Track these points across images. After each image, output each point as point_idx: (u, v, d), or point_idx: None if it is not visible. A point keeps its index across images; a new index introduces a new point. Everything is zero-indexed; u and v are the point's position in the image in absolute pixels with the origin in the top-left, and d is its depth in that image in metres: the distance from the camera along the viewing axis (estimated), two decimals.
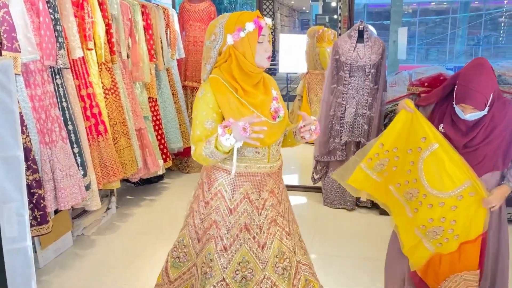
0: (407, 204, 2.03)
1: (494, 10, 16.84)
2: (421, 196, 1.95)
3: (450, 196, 1.88)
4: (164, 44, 4.17)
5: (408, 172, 1.98)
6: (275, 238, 1.72)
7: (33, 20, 2.50)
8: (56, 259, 2.94)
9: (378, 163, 2.03)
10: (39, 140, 2.54)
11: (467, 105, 1.80)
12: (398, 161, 2.00)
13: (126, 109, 3.40)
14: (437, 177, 1.89)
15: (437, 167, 1.88)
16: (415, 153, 1.93)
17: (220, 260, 1.67)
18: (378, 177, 2.06)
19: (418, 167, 1.93)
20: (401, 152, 1.99)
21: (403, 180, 2.01)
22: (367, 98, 3.54)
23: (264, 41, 1.61)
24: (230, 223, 1.68)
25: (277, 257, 1.71)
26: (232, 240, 1.68)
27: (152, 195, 4.16)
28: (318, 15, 10.45)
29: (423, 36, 17.58)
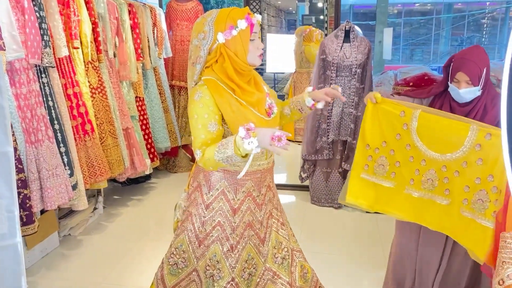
0: (435, 194, 1.78)
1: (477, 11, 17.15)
2: (441, 173, 1.74)
3: (467, 151, 1.67)
4: (151, 43, 4.15)
5: (411, 159, 1.79)
6: (272, 230, 1.76)
7: (18, 18, 2.47)
8: (42, 260, 2.91)
9: (377, 165, 1.87)
10: (25, 139, 2.51)
11: (463, 75, 1.79)
12: (395, 154, 1.83)
13: (113, 109, 3.38)
14: (441, 139, 1.72)
15: (433, 129, 1.73)
16: (405, 133, 1.78)
17: (228, 261, 1.67)
18: (390, 182, 1.86)
19: (416, 144, 1.76)
20: (392, 142, 1.82)
21: (413, 170, 1.80)
22: (353, 98, 3.58)
23: (255, 38, 1.59)
24: (235, 222, 1.67)
25: (275, 248, 1.76)
26: (238, 239, 1.68)
27: (139, 195, 4.14)
28: (305, 15, 10.48)
29: (408, 37, 17.80)
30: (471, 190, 1.68)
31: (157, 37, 4.27)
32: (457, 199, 1.73)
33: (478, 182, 1.66)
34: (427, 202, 1.80)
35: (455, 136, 1.69)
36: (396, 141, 1.81)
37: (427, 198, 1.79)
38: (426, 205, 1.81)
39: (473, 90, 1.82)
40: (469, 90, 1.81)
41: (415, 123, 1.74)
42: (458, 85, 1.82)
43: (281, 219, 1.83)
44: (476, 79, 1.79)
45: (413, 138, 1.76)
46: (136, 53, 3.82)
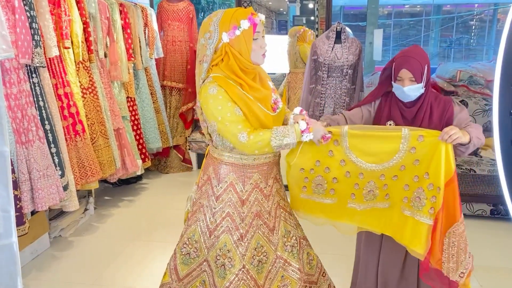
0: (377, 202, 1.82)
1: (465, 13, 17.35)
2: (380, 182, 1.77)
3: (403, 155, 1.71)
4: (142, 43, 4.14)
5: (347, 175, 1.79)
6: (281, 220, 1.84)
7: (8, 18, 2.44)
8: (33, 261, 2.89)
9: (314, 185, 1.84)
10: (15, 139, 2.49)
11: (406, 72, 1.80)
12: (331, 171, 1.80)
13: (104, 109, 3.37)
14: (375, 150, 1.73)
15: (365, 142, 1.73)
16: (337, 149, 1.76)
17: (239, 249, 1.75)
18: (330, 198, 1.86)
19: (351, 159, 1.75)
20: (325, 160, 1.79)
21: (352, 185, 1.80)
22: (344, 98, 3.60)
23: (259, 37, 1.65)
24: (243, 213, 1.75)
25: (285, 237, 1.84)
26: (247, 228, 1.76)
27: (131, 196, 4.12)
28: (296, 16, 10.52)
29: (398, 38, 17.94)
30: (411, 188, 1.75)
31: (148, 37, 4.26)
32: (398, 199, 1.79)
33: (416, 180, 1.74)
34: (370, 210, 1.85)
35: (388, 144, 1.72)
36: (329, 158, 1.78)
37: (370, 208, 1.84)
38: (369, 213, 1.85)
39: (417, 87, 1.83)
40: (413, 87, 1.82)
41: (345, 139, 1.74)
42: (402, 83, 1.83)
43: (288, 209, 1.92)
44: (419, 76, 1.81)
45: (346, 153, 1.76)
46: (127, 53, 3.81)
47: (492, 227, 3.39)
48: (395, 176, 1.75)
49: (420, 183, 1.73)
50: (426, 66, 1.84)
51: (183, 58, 4.70)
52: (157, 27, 4.43)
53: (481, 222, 3.46)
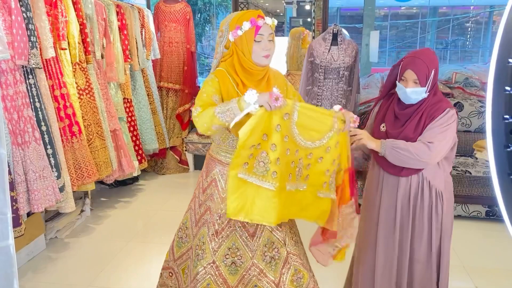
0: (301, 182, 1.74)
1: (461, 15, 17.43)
2: (306, 160, 1.72)
3: (332, 136, 1.71)
4: (139, 44, 4.14)
5: (287, 152, 1.68)
6: (265, 229, 1.80)
7: (4, 19, 2.44)
8: (29, 263, 2.88)
9: (257, 162, 1.65)
10: (12, 141, 2.48)
11: (411, 73, 1.78)
12: (276, 150, 1.65)
13: (101, 110, 3.36)
14: (314, 127, 1.70)
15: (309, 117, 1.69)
16: (285, 124, 1.65)
17: (211, 244, 1.78)
18: (270, 183, 1.65)
19: (294, 135, 1.68)
20: (272, 136, 1.64)
21: (289, 164, 1.70)
22: (341, 100, 3.61)
23: (262, 40, 1.69)
24: (221, 210, 1.77)
25: (266, 246, 1.81)
26: (223, 226, 1.78)
27: (127, 197, 4.12)
28: (292, 18, 10.54)
29: (394, 40, 18.00)
30: (330, 172, 1.76)
31: (145, 38, 4.26)
32: (317, 183, 1.76)
33: (334, 164, 1.76)
34: (293, 194, 1.75)
35: (323, 123, 1.70)
36: (276, 133, 1.64)
37: (294, 189, 1.74)
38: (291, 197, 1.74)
39: (419, 90, 1.80)
40: (415, 90, 1.80)
41: (295, 115, 1.66)
42: (406, 83, 1.81)
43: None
44: (423, 79, 1.78)
45: (292, 129, 1.67)
46: (124, 54, 3.81)
47: (487, 228, 3.41)
48: (321, 157, 1.73)
49: (335, 166, 1.76)
50: (433, 70, 1.80)
51: (180, 60, 4.71)
52: (154, 28, 4.43)
53: (477, 223, 3.48)
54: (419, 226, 1.94)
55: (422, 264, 1.98)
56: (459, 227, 2.77)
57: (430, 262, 1.98)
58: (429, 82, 1.80)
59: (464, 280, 2.72)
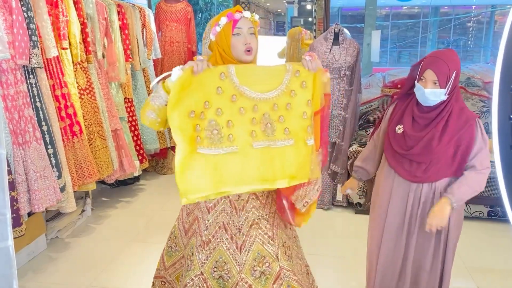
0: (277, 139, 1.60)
1: (463, 15, 17.41)
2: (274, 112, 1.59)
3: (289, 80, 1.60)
4: (140, 44, 4.13)
5: (242, 111, 1.56)
6: (255, 241, 1.70)
7: (5, 18, 2.43)
8: (29, 263, 2.87)
9: (209, 132, 1.53)
10: (12, 140, 2.48)
11: (431, 73, 1.73)
12: (223, 112, 1.54)
13: (102, 110, 3.36)
14: (263, 79, 1.59)
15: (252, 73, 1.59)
16: (225, 83, 1.54)
17: (199, 255, 1.70)
18: (232, 146, 1.55)
19: (241, 90, 1.55)
20: (215, 99, 1.54)
21: (250, 121, 1.57)
22: (342, 100, 3.60)
23: (241, 33, 1.60)
24: (208, 220, 1.70)
25: (256, 260, 1.69)
26: (210, 237, 1.70)
27: (128, 197, 4.12)
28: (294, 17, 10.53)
29: (396, 39, 17.98)
30: (308, 115, 1.63)
31: (146, 38, 4.25)
32: (300, 130, 1.61)
33: (310, 105, 1.62)
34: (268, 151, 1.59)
35: (275, 72, 1.60)
36: (219, 96, 1.53)
37: (274, 147, 1.59)
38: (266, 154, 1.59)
39: (438, 92, 1.74)
40: (434, 92, 1.74)
41: (232, 70, 1.55)
42: (425, 84, 1.75)
43: (271, 233, 1.72)
44: (443, 80, 1.72)
45: (236, 85, 1.55)
46: (125, 54, 3.80)
47: (489, 229, 3.40)
48: (288, 104, 1.59)
49: (312, 107, 1.63)
50: (454, 72, 1.73)
51: (181, 59, 4.70)
52: (155, 28, 4.43)
53: (479, 224, 3.47)
54: (426, 235, 1.91)
55: (426, 272, 1.97)
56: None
57: (434, 270, 1.96)
58: (449, 84, 1.73)
59: (466, 280, 2.71)
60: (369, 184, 3.58)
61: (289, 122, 1.60)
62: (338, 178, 3.74)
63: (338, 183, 3.74)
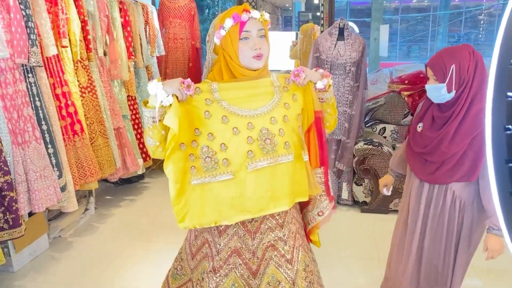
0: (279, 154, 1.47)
1: (474, 8, 17.12)
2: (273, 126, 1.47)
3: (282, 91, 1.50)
4: (143, 41, 4.10)
5: (235, 131, 1.44)
6: (270, 264, 1.53)
7: (3, 17, 2.41)
8: (32, 263, 2.86)
9: (202, 160, 1.43)
10: (11, 140, 2.45)
11: (429, 69, 1.74)
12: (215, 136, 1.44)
13: (104, 108, 3.33)
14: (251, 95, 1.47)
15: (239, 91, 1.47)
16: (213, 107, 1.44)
17: (210, 282, 1.53)
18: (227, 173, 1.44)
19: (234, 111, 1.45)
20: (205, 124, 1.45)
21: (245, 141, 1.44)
22: (347, 96, 3.53)
23: (249, 37, 1.43)
24: (219, 245, 1.54)
25: (270, 284, 1.52)
26: (222, 263, 1.53)
27: (132, 195, 4.10)
28: (301, 12, 10.44)
29: (405, 34, 17.77)
30: (304, 126, 1.53)
31: (149, 35, 4.22)
32: (298, 145, 1.51)
33: (299, 119, 1.52)
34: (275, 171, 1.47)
35: (263, 87, 1.49)
36: (208, 121, 1.44)
37: (274, 165, 1.47)
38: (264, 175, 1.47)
39: (437, 86, 1.70)
40: (434, 87, 1.71)
41: (217, 94, 1.44)
42: (429, 81, 1.76)
43: (289, 255, 1.54)
44: (440, 75, 1.69)
45: (224, 107, 1.44)
46: (128, 51, 3.77)
47: None
48: (285, 116, 1.48)
49: (300, 121, 1.54)
50: (453, 66, 1.67)
51: (185, 56, 4.66)
52: (158, 25, 4.39)
53: None
54: (438, 235, 1.88)
55: (437, 269, 1.93)
56: None
57: (445, 270, 1.92)
58: (448, 78, 1.67)
59: (473, 280, 2.64)
60: (375, 183, 3.52)
61: (289, 135, 1.48)
62: (343, 176, 3.68)
63: (343, 181, 3.68)
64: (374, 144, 3.51)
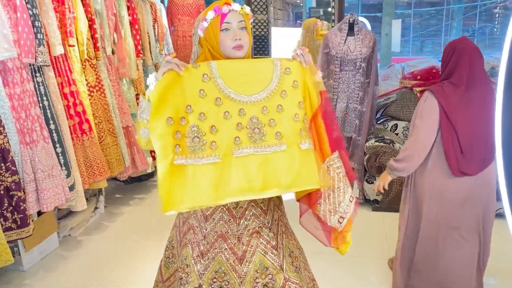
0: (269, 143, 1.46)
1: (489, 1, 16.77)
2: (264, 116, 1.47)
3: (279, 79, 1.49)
4: (152, 39, 4.08)
5: (227, 115, 1.43)
6: (256, 251, 1.58)
7: (10, 16, 2.40)
8: (41, 262, 2.88)
9: (190, 140, 1.41)
10: (19, 140, 2.46)
11: None
12: (207, 117, 1.43)
13: (112, 107, 3.32)
14: (250, 79, 1.47)
15: (238, 73, 1.47)
16: (209, 85, 1.43)
17: (197, 266, 1.58)
18: (214, 156, 1.41)
19: (225, 93, 1.44)
20: (198, 104, 1.43)
21: (235, 127, 1.44)
22: (358, 92, 3.47)
23: (230, 28, 1.48)
24: (206, 229, 1.59)
25: (258, 271, 1.58)
26: (208, 247, 1.59)
27: (142, 194, 4.10)
28: (312, 8, 10.36)
29: (418, 28, 17.52)
30: (300, 117, 1.49)
31: (158, 33, 4.20)
32: (293, 134, 1.48)
33: (301, 107, 1.50)
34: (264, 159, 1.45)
35: (262, 68, 1.49)
36: (202, 100, 1.42)
37: (261, 154, 1.45)
38: (263, 167, 1.45)
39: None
40: None
41: (215, 71, 1.44)
42: None
43: (274, 242, 1.61)
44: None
45: (220, 88, 1.44)
46: (136, 49, 3.75)
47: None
48: (279, 106, 1.47)
49: (304, 108, 1.52)
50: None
51: None
52: (167, 23, 4.37)
53: (501, 221, 3.30)
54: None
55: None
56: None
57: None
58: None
59: (488, 279, 2.58)
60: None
61: (281, 125, 1.47)
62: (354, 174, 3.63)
63: (354, 179, 3.62)
64: (386, 141, 3.45)
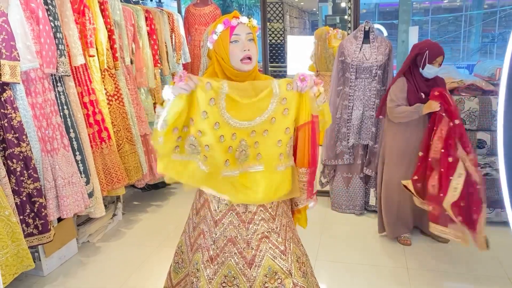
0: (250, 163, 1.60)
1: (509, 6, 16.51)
2: (251, 139, 1.58)
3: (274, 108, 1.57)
4: (169, 49, 4.15)
5: (221, 139, 1.54)
6: (265, 255, 1.63)
7: (33, 28, 2.49)
8: (61, 267, 2.93)
9: (187, 144, 1.54)
10: (41, 148, 2.53)
11: (441, 58, 2.79)
12: (203, 135, 1.54)
13: (130, 115, 3.39)
14: (250, 109, 1.55)
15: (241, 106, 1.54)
16: (213, 109, 1.51)
17: (206, 271, 1.63)
18: (204, 165, 1.55)
19: (227, 120, 1.53)
20: (199, 122, 1.53)
21: (226, 150, 1.55)
22: (374, 100, 3.46)
23: (239, 40, 1.55)
24: (215, 234, 1.64)
25: (267, 276, 1.62)
26: (218, 252, 1.63)
27: (159, 201, 4.14)
28: (328, 16, 10.35)
29: (436, 35, 17.33)
30: (284, 142, 1.61)
31: (175, 42, 4.27)
32: (272, 158, 1.61)
33: (287, 132, 1.61)
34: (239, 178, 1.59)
35: (263, 102, 1.56)
36: (203, 120, 1.51)
37: (243, 172, 1.59)
38: (235, 182, 1.58)
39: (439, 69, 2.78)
40: (439, 69, 2.79)
41: (223, 103, 1.51)
42: (436, 65, 2.77)
43: (283, 247, 1.65)
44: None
45: (221, 112, 1.52)
46: (154, 59, 3.82)
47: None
48: (266, 131, 1.58)
49: (289, 134, 1.63)
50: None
51: None
52: (184, 32, 4.44)
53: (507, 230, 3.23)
54: None
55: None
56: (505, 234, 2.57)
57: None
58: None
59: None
60: None
61: (263, 148, 1.59)
62: (371, 182, 3.60)
63: (371, 187, 3.60)
64: None
